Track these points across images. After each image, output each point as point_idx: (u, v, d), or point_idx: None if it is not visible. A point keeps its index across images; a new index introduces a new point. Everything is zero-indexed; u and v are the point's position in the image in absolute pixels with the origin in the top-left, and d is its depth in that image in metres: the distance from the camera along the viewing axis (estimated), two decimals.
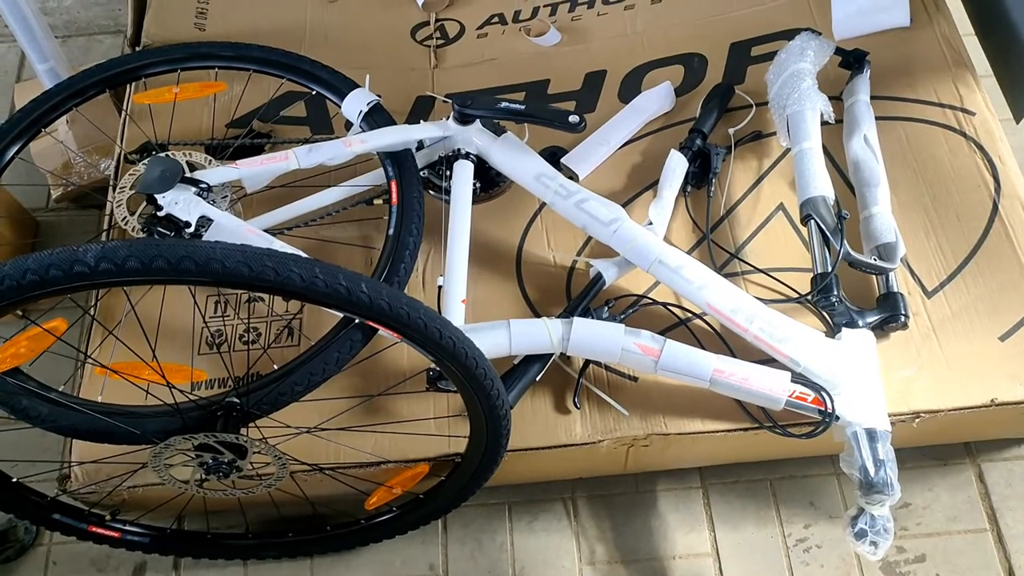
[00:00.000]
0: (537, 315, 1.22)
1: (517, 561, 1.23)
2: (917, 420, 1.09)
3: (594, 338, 1.08)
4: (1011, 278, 1.17)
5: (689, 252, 1.24)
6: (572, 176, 1.34)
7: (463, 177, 1.21)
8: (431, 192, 1.28)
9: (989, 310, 1.15)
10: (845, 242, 1.11)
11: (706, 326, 1.17)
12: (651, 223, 1.20)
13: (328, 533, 1.21)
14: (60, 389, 0.97)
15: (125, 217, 1.18)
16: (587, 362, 1.16)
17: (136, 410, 0.95)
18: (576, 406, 1.13)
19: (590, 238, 1.28)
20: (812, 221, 1.14)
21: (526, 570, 1.23)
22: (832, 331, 1.11)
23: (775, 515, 1.24)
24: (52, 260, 0.69)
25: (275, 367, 1.04)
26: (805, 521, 1.23)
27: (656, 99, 1.41)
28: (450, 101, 1.22)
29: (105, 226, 1.27)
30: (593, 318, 1.11)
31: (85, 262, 0.69)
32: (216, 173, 1.14)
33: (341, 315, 1.02)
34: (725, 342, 1.14)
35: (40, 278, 0.70)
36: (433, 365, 1.06)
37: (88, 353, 1.15)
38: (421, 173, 1.25)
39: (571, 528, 1.25)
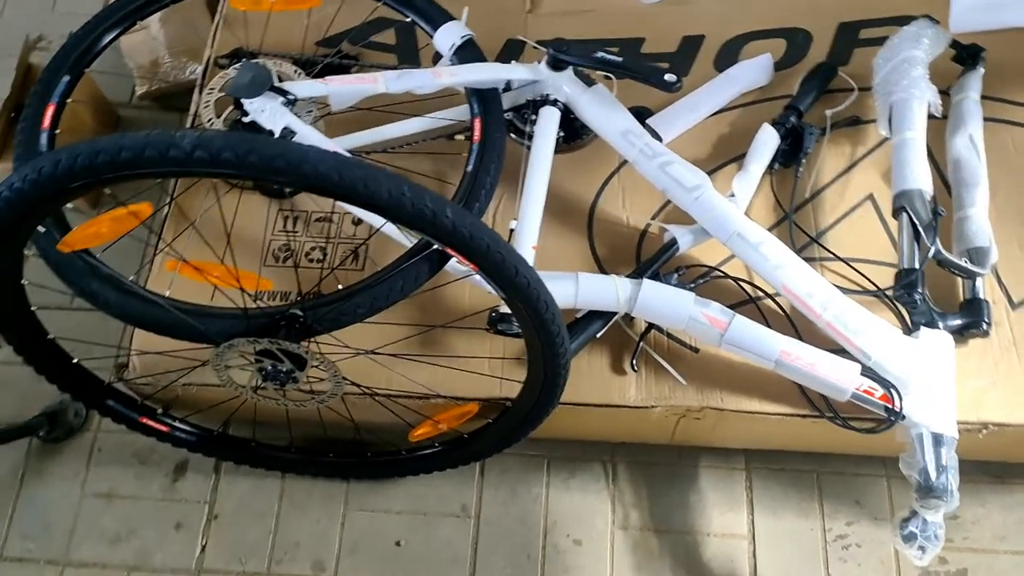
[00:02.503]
0: (604, 273, 1.20)
1: (550, 515, 1.23)
2: (984, 432, 1.05)
3: (662, 302, 1.06)
4: None
5: (768, 231, 1.20)
6: (656, 139, 1.30)
7: (548, 123, 1.19)
8: (512, 136, 1.26)
9: None
10: (938, 240, 1.07)
11: (776, 307, 1.14)
12: (733, 195, 1.16)
13: (368, 459, 1.22)
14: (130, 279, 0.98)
15: (211, 119, 1.18)
16: (649, 326, 1.13)
17: (204, 309, 0.96)
18: (634, 368, 1.12)
19: (666, 203, 1.25)
20: (905, 214, 1.10)
21: (558, 524, 1.22)
22: (909, 329, 1.07)
23: (818, 508, 1.22)
24: (149, 140, 0.69)
25: (339, 287, 1.04)
26: (848, 518, 1.21)
27: (753, 71, 1.37)
28: (541, 48, 1.19)
29: (188, 126, 1.27)
30: (662, 283, 1.09)
31: (181, 147, 0.69)
32: (304, 86, 1.13)
33: (410, 244, 1.01)
34: (794, 325, 1.11)
35: (134, 157, 0.69)
36: (497, 308, 1.05)
37: (160, 248, 1.16)
38: (505, 115, 1.23)
39: (608, 490, 1.25)
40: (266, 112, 1.07)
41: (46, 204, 0.76)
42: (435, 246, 0.95)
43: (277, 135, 1.06)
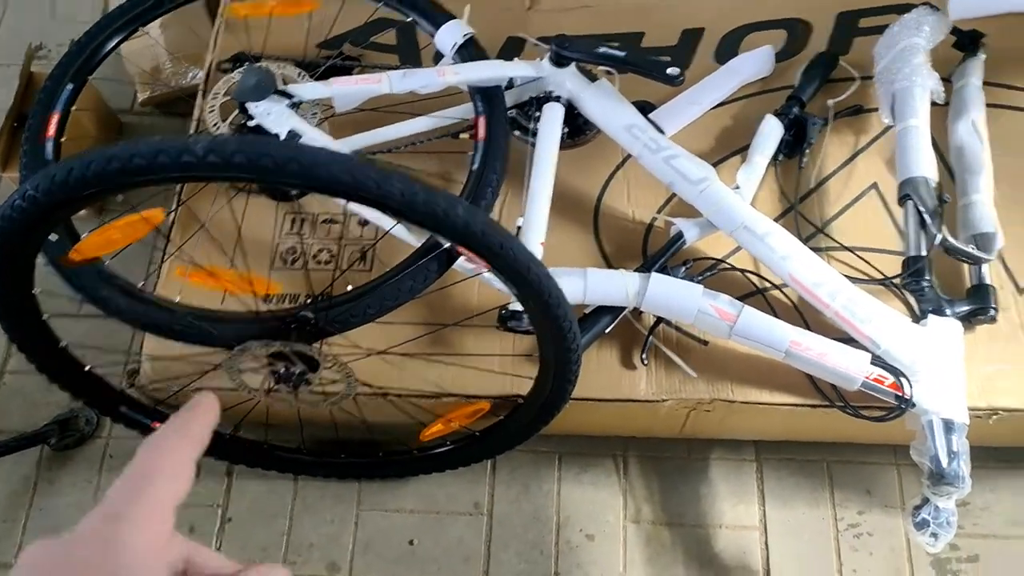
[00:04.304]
0: (611, 268, 1.20)
1: (562, 510, 1.23)
2: (994, 417, 1.06)
3: (671, 296, 1.06)
4: None
5: (774, 222, 1.20)
6: (659, 132, 1.30)
7: (552, 119, 1.19)
8: (516, 133, 1.27)
9: None
10: (944, 227, 1.07)
11: (784, 298, 1.14)
12: (738, 187, 1.17)
13: (380, 459, 1.22)
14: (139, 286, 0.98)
15: (216, 123, 1.18)
16: (658, 320, 1.14)
17: (215, 313, 0.96)
18: (644, 363, 1.12)
19: (671, 197, 1.25)
20: (910, 202, 1.10)
21: (570, 520, 1.23)
22: (917, 317, 1.08)
23: (828, 497, 1.22)
24: (162, 146, 0.69)
25: (349, 288, 1.04)
26: (859, 507, 1.21)
27: (754, 62, 1.37)
28: (542, 44, 1.19)
29: (192, 131, 1.28)
30: (671, 277, 1.09)
31: (194, 152, 0.69)
32: (308, 89, 1.13)
33: (418, 244, 1.02)
34: (802, 316, 1.12)
35: (148, 163, 0.70)
36: (506, 305, 1.06)
37: (169, 253, 1.16)
38: (509, 113, 1.23)
39: (619, 485, 1.25)
40: (272, 115, 1.07)
41: (59, 212, 0.76)
42: (444, 246, 0.96)
43: (283, 138, 1.06)
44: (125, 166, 0.70)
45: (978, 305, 1.08)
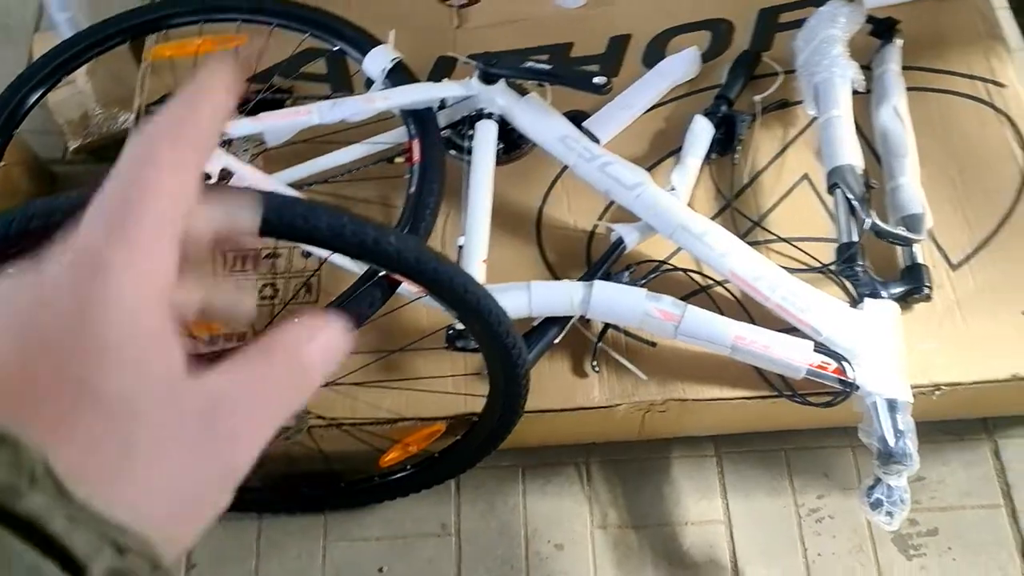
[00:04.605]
0: (556, 278, 1.21)
1: (529, 523, 1.24)
2: (937, 393, 1.09)
3: (615, 301, 1.07)
4: None
5: (712, 219, 1.23)
6: (594, 141, 1.32)
7: (486, 137, 1.20)
8: (452, 153, 1.27)
9: (1014, 284, 1.14)
10: (873, 212, 1.10)
11: (727, 294, 1.16)
12: (674, 189, 1.19)
13: (342, 489, 1.22)
14: None
15: None
16: (606, 326, 1.15)
17: None
18: (595, 370, 1.13)
19: (611, 203, 1.27)
20: (839, 190, 1.13)
21: (538, 532, 1.23)
22: (855, 301, 1.10)
23: (788, 485, 1.24)
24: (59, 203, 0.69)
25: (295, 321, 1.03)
26: (818, 492, 1.23)
27: (681, 64, 1.39)
28: (472, 62, 1.21)
29: None
30: (614, 283, 1.10)
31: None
32: (237, 125, 1.13)
33: (360, 272, 1.02)
34: (746, 310, 1.13)
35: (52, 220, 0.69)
36: (453, 324, 1.06)
37: None
38: (443, 133, 1.23)
39: (583, 492, 1.26)
40: None
41: None
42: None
43: (215, 178, 1.06)
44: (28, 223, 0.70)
45: (912, 285, 1.10)
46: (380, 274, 0.96)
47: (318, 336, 0.30)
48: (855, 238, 1.10)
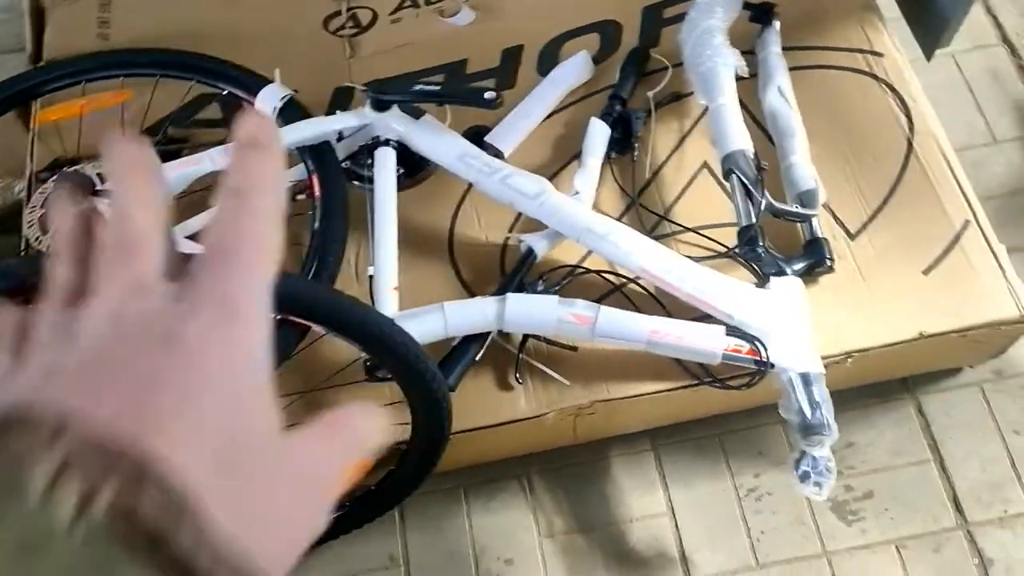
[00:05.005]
0: (473, 296, 1.21)
1: (477, 542, 1.24)
2: (850, 360, 1.11)
3: (529, 312, 1.08)
4: (930, 213, 1.20)
5: (619, 218, 1.24)
6: (497, 154, 1.33)
7: (386, 164, 1.20)
8: (356, 183, 1.27)
9: (911, 246, 1.18)
10: (767, 193, 1.13)
11: (641, 290, 1.17)
12: (578, 192, 1.20)
13: None
14: None
15: (38, 237, 1.14)
16: (526, 337, 1.16)
17: None
18: (519, 381, 1.14)
19: (519, 214, 1.28)
20: (734, 175, 1.16)
21: (487, 549, 1.23)
22: (762, 282, 1.12)
23: (726, 468, 1.26)
24: None
25: None
26: (755, 471, 1.25)
27: (574, 69, 1.41)
28: (368, 91, 1.20)
29: (22, 248, 1.23)
30: (528, 293, 1.11)
31: None
32: None
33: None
34: (660, 303, 1.15)
35: None
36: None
37: None
38: (344, 165, 1.23)
39: (528, 504, 1.26)
40: None
41: None
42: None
43: None
44: None
45: (814, 258, 1.13)
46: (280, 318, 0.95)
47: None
48: (753, 220, 1.13)
